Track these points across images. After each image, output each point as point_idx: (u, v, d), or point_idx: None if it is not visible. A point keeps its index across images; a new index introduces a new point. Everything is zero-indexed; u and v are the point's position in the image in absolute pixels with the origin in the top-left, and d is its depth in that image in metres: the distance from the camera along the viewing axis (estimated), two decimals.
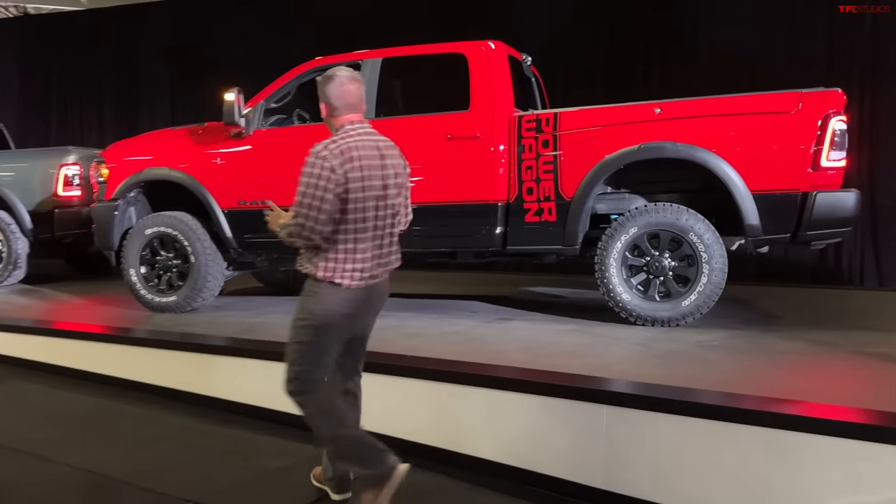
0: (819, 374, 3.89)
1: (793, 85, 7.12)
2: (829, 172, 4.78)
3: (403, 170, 3.04)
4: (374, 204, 2.86)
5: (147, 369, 4.97)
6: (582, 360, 4.02)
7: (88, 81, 11.68)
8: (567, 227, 5.18)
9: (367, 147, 2.89)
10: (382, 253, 2.96)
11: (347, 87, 2.95)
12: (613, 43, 8.56)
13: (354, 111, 2.97)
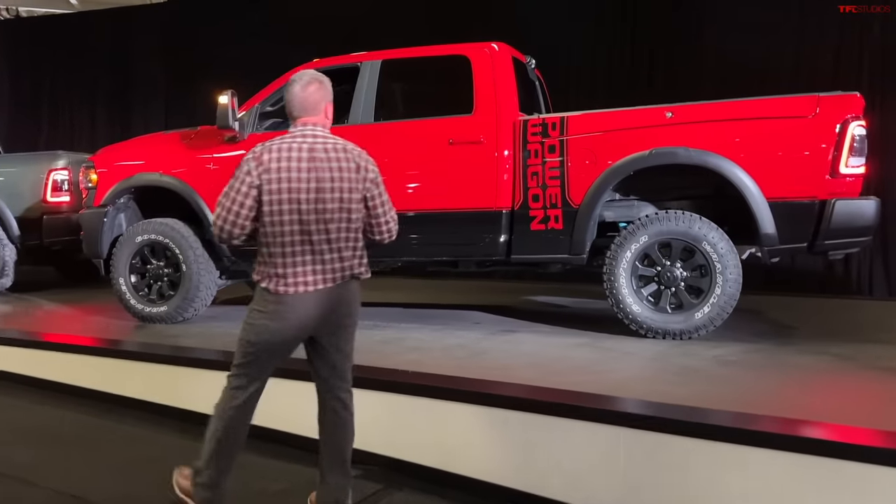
0: (842, 392, 3.70)
1: (800, 86, 7.06)
2: (848, 179, 4.59)
3: (356, 174, 2.86)
4: (297, 208, 2.77)
5: (137, 384, 4.74)
6: (595, 376, 3.83)
7: (81, 84, 11.47)
8: (574, 235, 4.99)
9: (298, 150, 2.80)
10: (324, 259, 2.82)
11: (303, 91, 2.88)
12: (616, 45, 8.38)
13: (309, 114, 2.89)
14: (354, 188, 2.86)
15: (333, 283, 2.85)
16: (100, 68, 11.29)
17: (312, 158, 2.81)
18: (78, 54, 11.39)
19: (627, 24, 8.32)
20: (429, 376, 3.87)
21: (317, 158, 2.81)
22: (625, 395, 3.46)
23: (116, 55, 11.14)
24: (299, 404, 3.51)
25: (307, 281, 2.81)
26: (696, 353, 4.38)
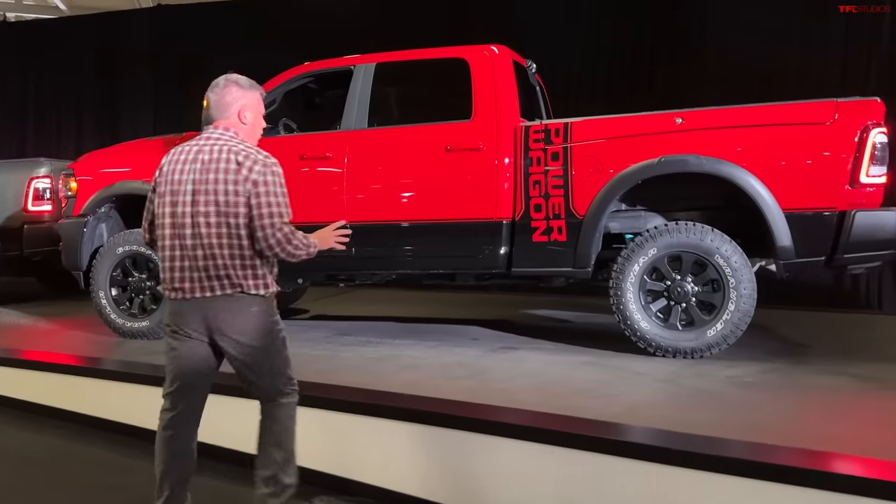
0: (867, 419, 3.44)
1: (806, 89, 6.84)
2: (869, 189, 4.34)
3: (237, 175, 2.69)
4: (172, 210, 2.74)
5: (113, 405, 4.46)
6: (604, 400, 3.56)
7: (67, 89, 11.19)
8: (579, 247, 4.73)
9: (186, 153, 2.77)
10: (198, 266, 2.71)
11: (217, 94, 2.83)
12: (617, 48, 8.17)
13: (219, 118, 2.82)
14: (238, 191, 2.68)
15: (211, 294, 2.71)
16: (87, 74, 11.02)
17: (196, 160, 2.73)
18: (65, 60, 11.12)
19: (628, 26, 8.11)
20: (427, 400, 3.60)
21: (200, 160, 2.72)
22: (635, 422, 3.20)
23: (104, 61, 10.89)
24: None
25: (184, 287, 2.72)
26: (709, 374, 4.12)
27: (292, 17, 9.68)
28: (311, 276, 5.76)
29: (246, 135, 2.84)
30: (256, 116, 2.88)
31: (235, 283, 2.71)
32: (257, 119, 2.89)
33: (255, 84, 2.92)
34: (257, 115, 2.88)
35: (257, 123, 2.89)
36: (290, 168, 5.14)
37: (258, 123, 2.90)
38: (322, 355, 4.88)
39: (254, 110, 2.86)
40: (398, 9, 9.07)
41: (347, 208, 5.08)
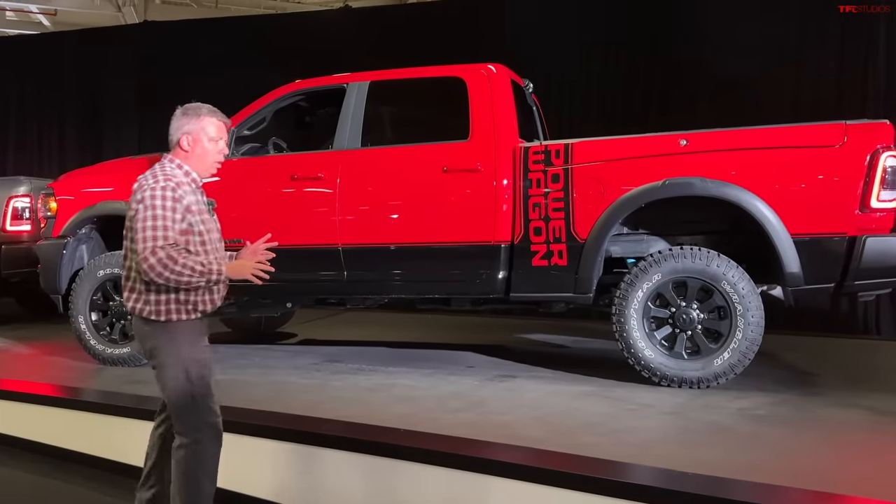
0: (886, 457, 3.28)
1: (801, 104, 6.78)
2: (879, 214, 4.22)
3: (128, 211, 2.80)
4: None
5: (94, 439, 4.22)
6: (612, 437, 3.37)
7: (50, 106, 10.97)
8: (580, 272, 4.56)
9: None
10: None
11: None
12: (610, 70, 8.09)
13: (170, 146, 2.91)
14: (129, 216, 2.79)
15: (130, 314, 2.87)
16: (70, 91, 10.81)
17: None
18: (48, 76, 10.91)
19: (622, 44, 8.03)
20: (421, 436, 3.40)
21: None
22: (648, 461, 3.01)
23: (88, 78, 10.69)
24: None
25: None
26: (718, 406, 3.95)
27: (281, 34, 9.57)
28: (299, 300, 5.57)
29: (192, 163, 2.86)
30: (201, 144, 2.86)
31: (131, 306, 2.81)
32: (203, 147, 2.86)
33: (210, 111, 2.91)
34: (203, 143, 2.86)
35: (203, 151, 2.87)
36: (280, 188, 5.07)
37: (206, 150, 2.87)
38: (311, 384, 4.67)
39: (197, 137, 2.85)
40: (392, 27, 8.99)
41: (340, 230, 4.90)
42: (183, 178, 2.81)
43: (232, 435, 3.62)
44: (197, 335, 2.85)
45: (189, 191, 2.80)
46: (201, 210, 2.83)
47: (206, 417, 2.81)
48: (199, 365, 2.82)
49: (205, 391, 2.82)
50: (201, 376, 2.81)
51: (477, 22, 8.63)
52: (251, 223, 5.04)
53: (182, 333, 2.79)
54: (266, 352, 5.88)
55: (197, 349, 2.84)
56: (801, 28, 7.28)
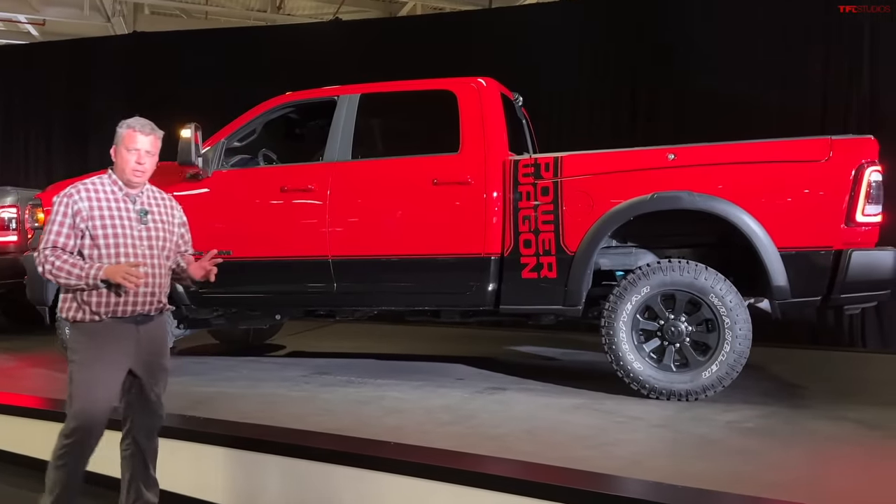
0: (875, 471, 3.30)
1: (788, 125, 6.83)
2: (864, 228, 4.27)
3: None
4: None
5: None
6: (603, 450, 3.37)
7: (37, 117, 10.92)
8: (569, 284, 4.58)
9: None
10: None
11: None
12: (599, 84, 8.15)
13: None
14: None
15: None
16: (58, 101, 10.77)
17: None
18: (36, 86, 10.87)
19: (610, 58, 8.09)
20: (412, 450, 3.39)
21: None
22: (639, 474, 3.01)
23: (76, 88, 10.65)
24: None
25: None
26: (707, 418, 3.96)
27: (271, 46, 9.59)
28: (288, 311, 5.56)
29: (117, 171, 3.09)
30: (120, 153, 3.07)
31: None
32: (122, 156, 3.07)
33: (133, 122, 3.11)
34: (122, 153, 3.07)
35: (122, 160, 3.07)
36: (269, 200, 5.07)
37: (124, 159, 3.06)
38: (301, 397, 4.65)
39: (117, 146, 3.09)
40: (382, 40, 9.02)
41: (330, 242, 4.90)
42: (106, 186, 3.06)
43: (221, 448, 3.64)
44: (96, 337, 2.98)
45: (100, 198, 3.01)
46: (112, 216, 3.00)
47: (79, 418, 2.95)
48: (85, 368, 2.97)
49: (84, 394, 2.95)
50: (84, 381, 2.96)
51: (467, 35, 8.70)
52: (241, 234, 5.05)
53: (81, 333, 3.00)
54: (254, 364, 5.85)
55: (88, 351, 2.97)
56: (791, 37, 7.35)
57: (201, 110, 7.14)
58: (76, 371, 2.99)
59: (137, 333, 3.05)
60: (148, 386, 3.11)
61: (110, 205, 3.03)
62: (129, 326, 3.03)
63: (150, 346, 3.10)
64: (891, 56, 6.96)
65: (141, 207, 3.10)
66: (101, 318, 2.98)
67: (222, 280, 5.11)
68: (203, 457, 3.72)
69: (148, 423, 3.16)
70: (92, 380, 2.96)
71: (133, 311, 3.02)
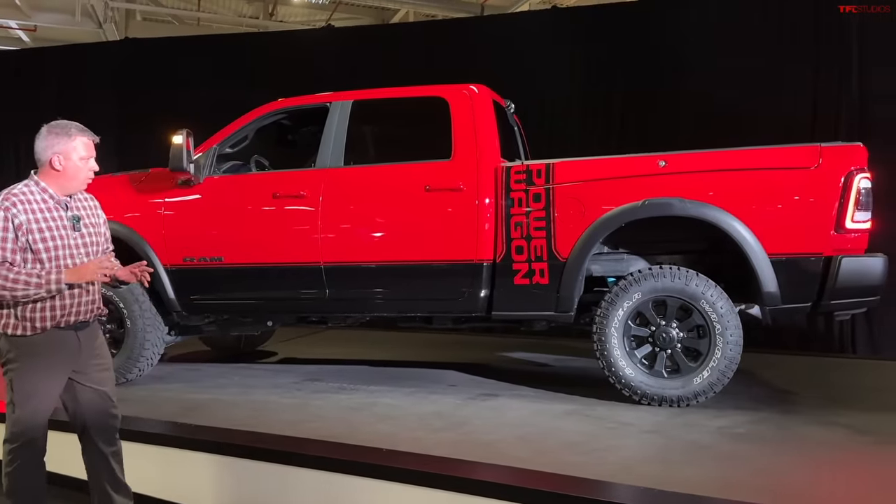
0: (866, 476, 3.32)
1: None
2: (854, 235, 4.30)
3: None
4: None
5: (77, 460, 4.13)
6: (594, 456, 3.38)
7: (29, 123, 10.76)
8: (561, 290, 4.60)
9: None
10: None
11: (35, 142, 3.08)
12: (590, 90, 8.18)
13: (37, 165, 3.07)
14: None
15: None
16: (50, 107, 10.69)
17: None
18: (27, 92, 10.80)
19: (602, 64, 8.12)
20: (404, 456, 3.39)
21: None
22: (630, 480, 3.02)
23: (68, 94, 10.59)
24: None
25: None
26: (698, 424, 3.98)
27: (263, 53, 9.57)
28: (280, 318, 5.55)
29: (62, 181, 2.98)
30: (72, 162, 2.98)
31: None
32: (74, 165, 2.99)
33: (80, 129, 3.05)
34: (74, 161, 2.98)
35: (76, 169, 2.99)
36: (261, 206, 5.06)
37: (78, 168, 3.00)
38: (293, 404, 4.64)
39: (68, 155, 2.97)
40: (374, 46, 9.03)
41: (322, 248, 4.90)
42: (35, 195, 2.94)
43: (213, 455, 3.62)
44: (36, 348, 2.92)
45: (34, 208, 2.91)
46: (49, 227, 2.92)
47: (19, 424, 2.94)
48: (24, 377, 2.93)
49: (24, 402, 2.93)
50: (23, 389, 2.93)
51: (459, 42, 8.71)
52: (233, 241, 5.04)
53: (20, 345, 2.93)
54: (246, 371, 5.84)
55: (27, 362, 2.92)
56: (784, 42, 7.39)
57: (193, 116, 7.12)
58: (15, 379, 2.95)
59: (77, 341, 3.03)
60: (94, 387, 3.09)
61: (45, 215, 2.94)
62: (69, 334, 3.00)
63: (89, 349, 3.08)
64: (885, 58, 7.01)
65: (73, 214, 3.03)
66: (40, 332, 2.93)
67: (214, 286, 5.17)
68: (194, 464, 3.70)
69: (104, 426, 3.13)
70: (32, 389, 2.94)
71: (76, 320, 3.01)
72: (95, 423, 3.11)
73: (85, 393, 3.08)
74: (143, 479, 3.81)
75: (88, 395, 3.08)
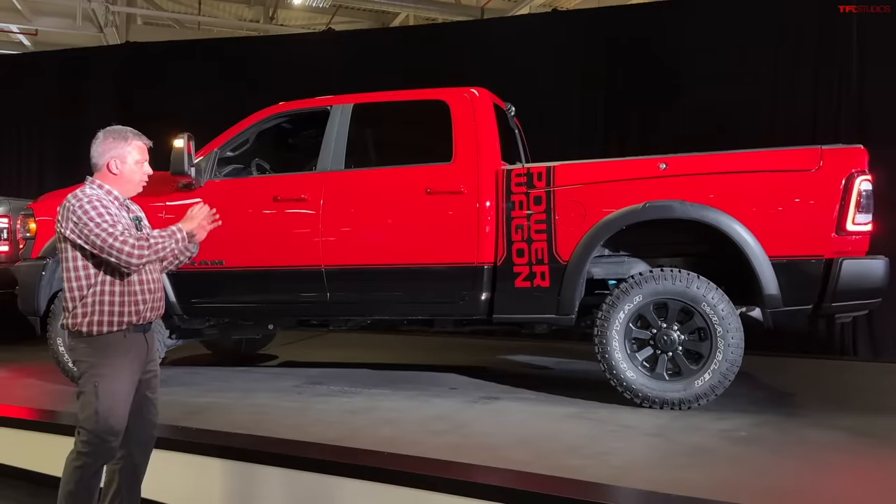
0: (871, 479, 3.31)
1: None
2: (855, 237, 4.30)
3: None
4: None
5: None
6: (597, 459, 3.38)
7: (30, 126, 10.88)
8: (562, 293, 4.59)
9: None
10: None
11: (92, 147, 3.06)
12: (590, 93, 8.19)
13: (94, 170, 3.07)
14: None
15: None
16: (51, 111, 10.73)
17: None
18: (28, 96, 10.83)
19: (602, 67, 8.13)
20: (406, 459, 3.38)
21: None
22: (633, 483, 3.02)
23: (69, 98, 10.62)
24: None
25: None
26: (700, 427, 3.97)
27: (264, 56, 9.60)
28: (281, 321, 5.55)
29: (119, 184, 3.01)
30: (128, 166, 3.01)
31: (63, 322, 2.96)
32: (130, 169, 3.02)
33: (135, 134, 3.07)
34: (130, 165, 3.02)
35: (131, 172, 3.03)
36: (262, 210, 5.07)
37: (133, 171, 3.03)
38: (293, 407, 4.64)
39: (124, 159, 3.00)
40: (375, 50, 9.04)
41: (323, 251, 4.90)
42: (105, 196, 2.95)
43: (214, 459, 3.62)
44: (117, 348, 2.88)
45: (109, 205, 2.92)
46: (124, 224, 2.92)
47: (103, 436, 2.84)
48: (109, 381, 2.84)
49: (110, 409, 2.82)
50: (109, 394, 2.83)
51: (460, 46, 8.72)
52: (234, 244, 5.04)
53: (99, 346, 2.86)
54: (246, 374, 5.84)
55: (110, 364, 2.85)
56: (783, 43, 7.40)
57: (194, 120, 7.14)
58: (101, 383, 2.82)
59: (146, 342, 3.01)
60: (148, 394, 3.03)
61: (119, 212, 2.95)
62: (140, 336, 2.97)
63: (150, 353, 3.04)
64: (885, 58, 7.01)
65: (134, 216, 3.08)
66: (124, 328, 2.89)
67: (215, 290, 5.17)
68: (196, 467, 3.70)
69: (146, 436, 3.06)
70: (116, 393, 2.84)
71: (150, 316, 3.00)
72: (139, 431, 3.00)
73: (140, 400, 2.98)
74: (144, 482, 3.82)
75: (141, 403, 2.99)
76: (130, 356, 2.92)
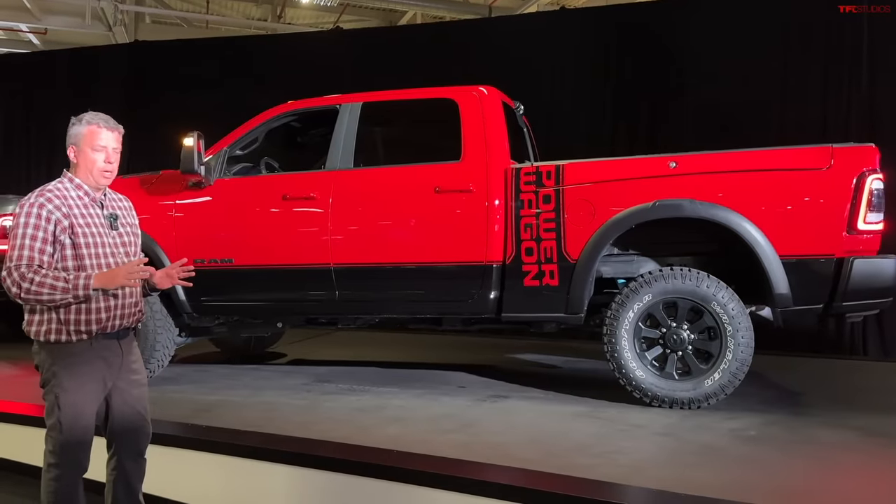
0: (883, 480, 3.30)
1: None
2: (866, 236, 4.28)
3: None
4: None
5: None
6: (606, 458, 3.37)
7: (39, 125, 10.93)
8: (571, 292, 4.58)
9: None
10: None
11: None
12: (599, 91, 8.17)
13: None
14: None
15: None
16: (60, 109, 10.74)
17: None
18: (37, 95, 10.89)
19: (610, 65, 8.10)
20: (415, 458, 3.38)
21: None
22: (642, 483, 3.01)
23: (78, 96, 10.64)
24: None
25: None
26: (710, 427, 3.96)
27: (272, 55, 9.61)
28: (290, 319, 5.56)
29: (80, 174, 2.84)
30: (84, 153, 2.82)
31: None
32: (86, 156, 2.82)
33: (93, 116, 2.88)
34: (86, 153, 2.82)
35: (87, 160, 2.82)
36: (271, 208, 5.08)
37: (89, 159, 2.82)
38: (302, 405, 4.65)
39: (79, 146, 2.83)
40: (383, 49, 9.04)
41: (332, 250, 4.90)
42: (70, 191, 2.79)
43: (223, 456, 3.63)
44: (80, 357, 2.74)
45: (71, 205, 2.75)
46: (89, 224, 2.77)
47: (66, 447, 2.73)
48: (70, 393, 2.71)
49: (72, 422, 2.71)
50: (70, 405, 2.71)
51: (468, 44, 8.71)
52: (243, 242, 5.06)
53: (63, 355, 2.73)
54: (256, 372, 5.85)
55: (73, 374, 2.72)
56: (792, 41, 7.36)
57: (203, 119, 7.15)
58: (61, 395, 2.71)
59: (120, 349, 2.85)
60: (130, 403, 2.89)
61: (82, 212, 2.77)
62: (113, 342, 2.81)
63: (128, 362, 2.88)
64: (890, 58, 6.97)
65: (110, 212, 2.88)
66: (86, 338, 2.73)
67: (224, 288, 5.18)
68: (205, 465, 3.71)
69: (134, 444, 2.94)
70: (81, 405, 2.73)
71: (120, 324, 2.81)
72: (127, 441, 2.92)
73: (120, 410, 2.87)
74: (153, 479, 3.81)
75: (123, 413, 2.88)
76: (97, 365, 2.77)
